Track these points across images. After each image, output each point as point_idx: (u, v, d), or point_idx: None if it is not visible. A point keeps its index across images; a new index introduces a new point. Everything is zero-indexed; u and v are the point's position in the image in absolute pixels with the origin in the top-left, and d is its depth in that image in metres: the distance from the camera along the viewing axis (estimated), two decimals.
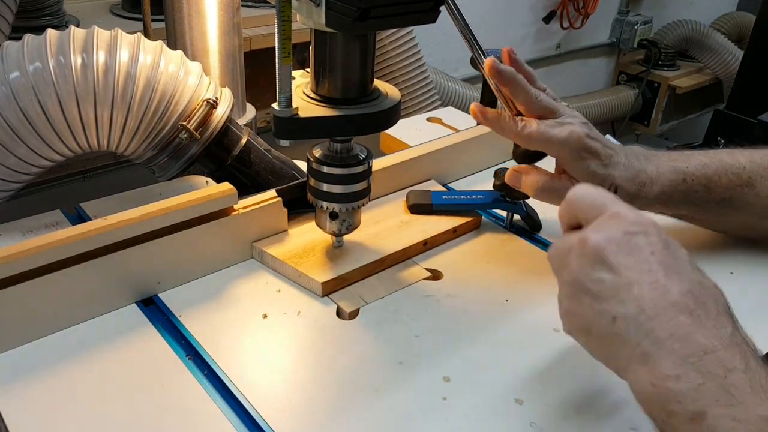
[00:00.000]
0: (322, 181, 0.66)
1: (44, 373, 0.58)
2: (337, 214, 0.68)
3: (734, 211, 0.74)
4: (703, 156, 0.73)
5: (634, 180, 0.69)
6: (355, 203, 0.68)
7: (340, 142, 0.66)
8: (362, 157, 0.67)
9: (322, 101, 0.62)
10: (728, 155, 0.74)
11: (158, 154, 0.77)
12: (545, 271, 0.76)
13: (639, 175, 0.69)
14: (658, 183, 0.70)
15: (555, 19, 2.64)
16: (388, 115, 0.63)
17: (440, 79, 2.01)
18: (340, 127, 0.62)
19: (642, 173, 0.70)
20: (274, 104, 0.59)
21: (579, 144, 0.67)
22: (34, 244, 0.59)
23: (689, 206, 0.73)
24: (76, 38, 0.71)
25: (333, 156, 0.66)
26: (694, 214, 0.75)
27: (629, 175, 0.69)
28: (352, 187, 0.67)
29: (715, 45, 3.00)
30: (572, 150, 0.67)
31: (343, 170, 0.65)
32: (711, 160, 0.73)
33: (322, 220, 0.70)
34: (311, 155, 0.66)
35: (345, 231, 0.70)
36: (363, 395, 0.58)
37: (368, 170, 0.68)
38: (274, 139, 0.62)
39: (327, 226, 0.70)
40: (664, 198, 0.71)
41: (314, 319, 0.66)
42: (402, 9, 0.55)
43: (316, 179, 0.67)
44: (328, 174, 0.66)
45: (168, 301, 0.67)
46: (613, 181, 0.68)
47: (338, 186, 0.66)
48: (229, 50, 1.00)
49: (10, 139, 0.70)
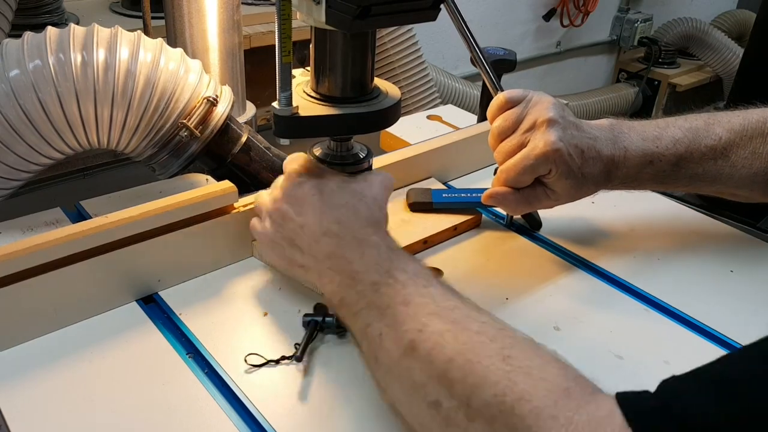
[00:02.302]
0: None
1: (45, 370, 0.58)
2: None
3: (707, 184, 0.73)
4: (677, 129, 0.72)
5: (603, 170, 0.69)
6: None
7: (340, 141, 0.66)
8: (362, 155, 0.67)
9: (322, 100, 0.62)
10: (705, 126, 0.72)
11: (158, 151, 0.77)
12: (545, 270, 0.76)
13: (606, 165, 0.69)
14: (623, 167, 0.70)
15: (555, 16, 2.64)
16: (388, 114, 0.63)
17: (440, 77, 2.01)
18: (340, 125, 0.62)
19: (609, 162, 0.69)
20: (274, 103, 0.59)
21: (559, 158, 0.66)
22: (35, 242, 0.59)
23: (655, 185, 0.73)
24: (76, 36, 0.71)
25: (333, 155, 0.66)
26: (660, 189, 0.76)
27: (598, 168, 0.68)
28: None
29: (716, 43, 3.00)
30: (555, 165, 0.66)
31: (342, 169, 0.65)
32: (685, 134, 0.71)
33: None
34: (311, 154, 0.66)
35: None
36: (363, 392, 0.58)
37: (368, 169, 0.67)
38: (274, 137, 0.62)
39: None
40: (628, 180, 0.71)
41: None
42: (402, 7, 0.55)
43: None
44: None
45: (168, 299, 0.67)
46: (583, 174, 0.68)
47: None
48: (229, 48, 1.00)
49: (10, 136, 0.70)
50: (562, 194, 0.69)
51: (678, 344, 0.65)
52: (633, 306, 0.71)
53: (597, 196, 0.72)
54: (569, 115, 0.68)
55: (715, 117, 0.74)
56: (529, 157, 0.66)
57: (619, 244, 0.81)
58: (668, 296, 0.72)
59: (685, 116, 0.74)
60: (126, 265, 0.64)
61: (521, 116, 0.68)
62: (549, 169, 0.66)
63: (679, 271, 0.77)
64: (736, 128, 0.72)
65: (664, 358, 0.63)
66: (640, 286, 0.73)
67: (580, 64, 2.98)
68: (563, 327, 0.66)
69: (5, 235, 0.73)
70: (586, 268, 0.77)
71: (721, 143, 0.71)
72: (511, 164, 0.67)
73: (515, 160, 0.67)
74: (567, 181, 0.67)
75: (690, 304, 0.71)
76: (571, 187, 0.68)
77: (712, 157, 0.71)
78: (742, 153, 0.71)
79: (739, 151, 0.71)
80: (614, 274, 0.75)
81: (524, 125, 0.68)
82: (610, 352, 0.63)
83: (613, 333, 0.66)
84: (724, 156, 0.71)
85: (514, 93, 0.70)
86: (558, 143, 0.65)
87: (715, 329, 0.67)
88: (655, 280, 0.74)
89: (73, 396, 0.56)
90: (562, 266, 0.77)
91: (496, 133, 0.70)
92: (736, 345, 0.65)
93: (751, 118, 0.72)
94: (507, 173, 0.68)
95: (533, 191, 0.69)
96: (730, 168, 0.72)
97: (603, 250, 0.79)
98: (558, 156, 0.65)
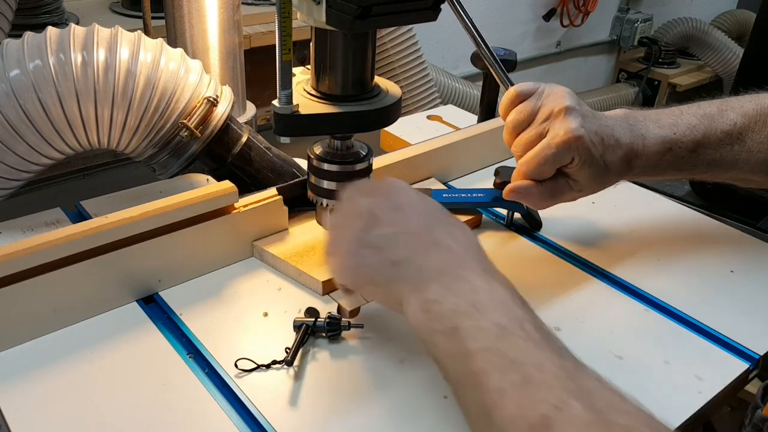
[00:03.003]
0: (323, 178, 0.66)
1: (45, 370, 0.58)
2: None
3: (724, 170, 0.73)
4: (692, 116, 0.71)
5: (624, 159, 0.68)
6: None
7: (341, 139, 0.66)
8: (363, 154, 0.67)
9: (323, 98, 0.62)
10: (719, 112, 0.72)
11: (159, 152, 0.77)
12: (545, 270, 0.76)
13: (627, 154, 0.68)
14: (643, 156, 0.69)
15: (555, 16, 2.64)
16: (388, 112, 0.63)
17: (440, 77, 2.01)
18: (340, 123, 0.62)
19: (629, 151, 0.68)
20: (274, 101, 0.59)
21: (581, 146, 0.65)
22: (35, 242, 0.59)
23: (674, 172, 0.72)
24: (76, 36, 0.71)
25: (333, 153, 0.66)
26: (679, 177, 0.74)
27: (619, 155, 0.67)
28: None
29: (716, 43, 3.00)
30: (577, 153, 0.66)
31: (343, 167, 0.65)
32: (700, 120, 0.71)
33: (322, 217, 0.70)
34: (311, 152, 0.66)
35: None
36: (364, 393, 0.58)
37: (369, 167, 0.67)
38: (275, 136, 0.62)
39: (328, 223, 0.70)
40: (648, 168, 0.70)
41: None
42: (402, 7, 0.55)
43: (316, 176, 0.67)
44: (328, 171, 0.66)
45: (169, 299, 0.67)
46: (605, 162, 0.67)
47: (338, 183, 0.66)
48: (229, 48, 1.00)
49: (10, 136, 0.70)
50: (585, 184, 0.67)
51: (678, 344, 0.65)
52: (633, 306, 0.71)
53: (597, 196, 0.72)
54: (584, 104, 0.67)
55: (728, 103, 0.73)
56: (551, 146, 0.64)
57: (619, 244, 0.81)
58: (668, 296, 0.72)
59: (698, 103, 0.74)
60: (126, 265, 0.64)
61: (536, 107, 0.66)
62: (571, 157, 0.64)
63: (679, 271, 0.77)
64: (749, 113, 0.71)
65: (664, 358, 0.63)
66: (640, 286, 0.73)
67: (580, 64, 2.98)
68: (563, 327, 0.66)
69: (5, 235, 0.73)
70: (586, 268, 0.77)
71: (736, 128, 0.71)
72: (532, 155, 0.65)
73: (536, 151, 0.65)
74: (590, 169, 0.65)
75: (690, 305, 0.71)
76: (594, 175, 0.66)
77: (728, 143, 0.71)
78: (757, 138, 0.71)
79: (754, 136, 0.71)
80: (614, 274, 0.75)
81: (540, 116, 0.66)
82: (610, 352, 0.63)
83: (613, 333, 0.66)
84: (740, 141, 0.71)
85: (525, 86, 0.68)
86: (579, 129, 0.63)
87: (715, 329, 0.67)
88: (655, 280, 0.74)
89: (73, 396, 0.56)
90: (562, 266, 0.77)
91: (511, 127, 0.68)
92: (737, 346, 0.65)
93: (764, 102, 0.72)
94: (528, 165, 0.66)
95: (555, 183, 0.67)
96: (746, 153, 0.71)
97: (603, 250, 0.79)
98: (580, 143, 0.64)
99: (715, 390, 0.60)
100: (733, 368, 0.63)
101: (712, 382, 0.61)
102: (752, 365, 0.64)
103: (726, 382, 0.61)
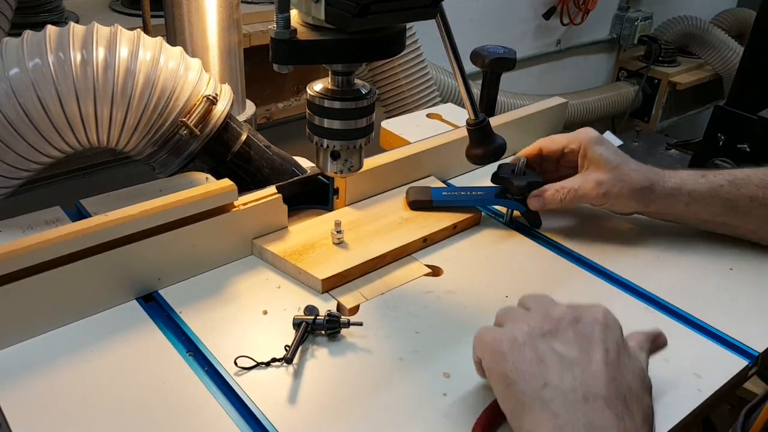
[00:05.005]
0: (323, 116, 0.63)
1: (45, 369, 0.58)
2: (339, 153, 0.65)
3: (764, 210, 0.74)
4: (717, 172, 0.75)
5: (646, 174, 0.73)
6: (357, 141, 0.64)
7: (342, 74, 0.62)
8: (364, 92, 0.63)
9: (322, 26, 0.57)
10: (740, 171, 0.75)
11: (158, 150, 0.77)
12: (545, 268, 0.76)
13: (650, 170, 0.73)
14: (674, 176, 0.73)
15: (555, 15, 2.64)
16: (390, 41, 0.59)
17: (440, 75, 2.00)
18: (341, 51, 0.58)
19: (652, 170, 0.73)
20: (270, 26, 0.56)
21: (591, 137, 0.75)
22: (35, 240, 0.59)
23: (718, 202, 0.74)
24: (75, 35, 0.71)
25: (334, 90, 0.62)
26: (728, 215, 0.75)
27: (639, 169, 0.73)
28: (354, 123, 0.63)
29: (716, 41, 2.99)
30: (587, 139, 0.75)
31: (344, 104, 0.62)
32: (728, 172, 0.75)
33: (323, 161, 0.67)
34: (311, 89, 0.63)
35: (347, 171, 0.67)
36: (363, 391, 0.58)
37: (371, 106, 0.64)
38: (275, 135, 0.61)
39: (328, 167, 0.66)
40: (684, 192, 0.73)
41: None
42: (401, 5, 0.55)
43: (317, 115, 0.63)
44: (328, 108, 0.62)
45: (168, 297, 0.67)
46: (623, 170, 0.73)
47: (339, 122, 0.63)
48: (228, 46, 1.00)
49: (10, 135, 0.70)
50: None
51: (678, 343, 0.65)
52: (633, 304, 0.71)
53: None
54: None
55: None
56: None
57: (619, 242, 0.81)
58: (668, 294, 0.72)
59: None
60: (126, 263, 0.64)
61: None
62: None
63: (678, 269, 0.77)
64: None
65: (664, 357, 0.63)
66: (639, 284, 0.73)
67: (580, 63, 2.97)
68: None
69: (5, 233, 0.73)
70: (585, 266, 0.77)
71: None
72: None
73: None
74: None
75: (690, 303, 0.71)
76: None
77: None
78: None
79: None
80: (614, 272, 0.75)
81: None
82: None
83: None
84: None
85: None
86: None
87: (715, 327, 0.67)
88: (655, 278, 0.74)
89: (73, 394, 0.56)
90: (562, 264, 0.77)
91: None
92: (737, 343, 0.65)
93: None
94: None
95: None
96: None
97: (603, 248, 0.79)
98: None
99: (714, 387, 0.60)
100: (732, 365, 0.63)
101: (711, 379, 0.61)
102: (751, 362, 0.64)
103: (725, 379, 0.61)
